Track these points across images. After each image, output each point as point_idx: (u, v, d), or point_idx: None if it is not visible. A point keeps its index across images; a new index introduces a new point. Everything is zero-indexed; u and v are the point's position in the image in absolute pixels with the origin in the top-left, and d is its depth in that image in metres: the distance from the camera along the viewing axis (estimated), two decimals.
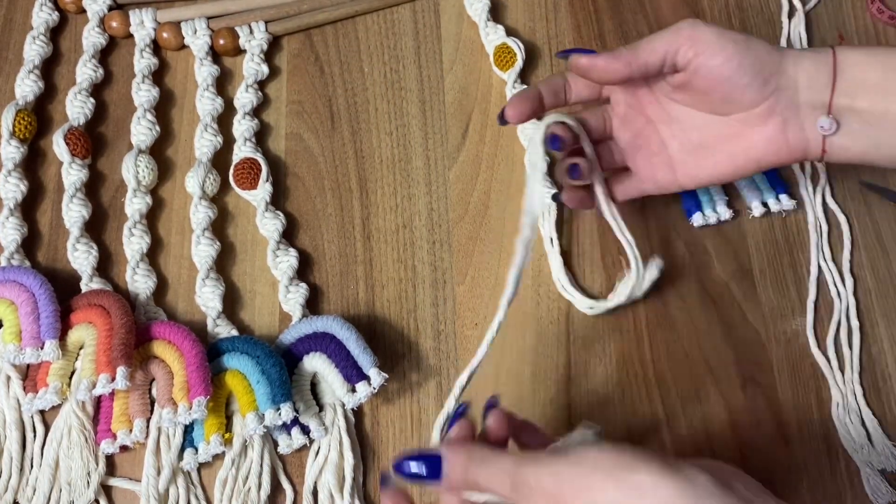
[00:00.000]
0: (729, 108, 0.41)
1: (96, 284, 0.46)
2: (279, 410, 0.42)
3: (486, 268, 0.49)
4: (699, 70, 0.40)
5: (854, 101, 0.39)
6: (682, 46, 0.39)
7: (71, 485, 0.42)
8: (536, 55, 0.55)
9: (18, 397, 0.44)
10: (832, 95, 0.39)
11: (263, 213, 0.49)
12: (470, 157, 0.52)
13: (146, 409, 0.43)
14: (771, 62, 0.39)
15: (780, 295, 0.49)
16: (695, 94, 0.41)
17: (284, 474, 0.44)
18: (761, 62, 0.39)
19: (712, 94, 0.41)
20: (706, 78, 0.40)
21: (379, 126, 0.53)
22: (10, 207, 0.47)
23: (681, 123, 0.43)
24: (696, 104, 0.42)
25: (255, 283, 0.48)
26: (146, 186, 0.49)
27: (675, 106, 0.43)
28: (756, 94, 0.40)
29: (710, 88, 0.40)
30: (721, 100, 0.41)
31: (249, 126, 0.51)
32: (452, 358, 0.47)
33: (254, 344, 0.44)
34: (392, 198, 0.51)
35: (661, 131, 0.44)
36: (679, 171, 0.44)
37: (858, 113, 0.39)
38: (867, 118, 0.39)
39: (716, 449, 0.45)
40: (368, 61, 0.55)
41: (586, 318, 0.48)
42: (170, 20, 0.54)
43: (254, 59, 0.53)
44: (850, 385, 0.46)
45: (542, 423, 0.45)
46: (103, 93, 0.53)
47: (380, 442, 0.45)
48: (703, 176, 0.43)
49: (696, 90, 0.41)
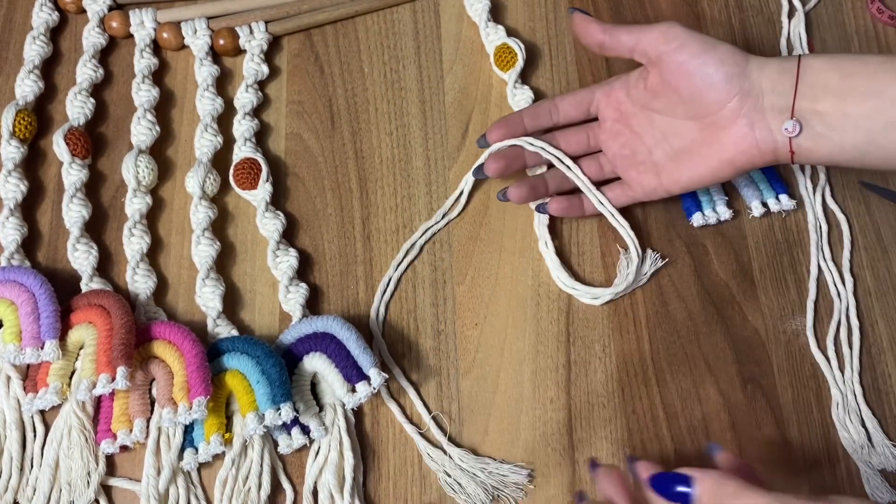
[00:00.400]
0: (697, 109, 0.44)
1: (96, 284, 0.46)
2: (279, 410, 0.42)
3: (486, 268, 0.49)
4: (667, 64, 0.43)
5: (816, 105, 0.41)
6: (656, 39, 0.43)
7: (71, 485, 0.42)
8: (537, 55, 0.55)
9: (18, 397, 0.44)
10: (794, 99, 0.41)
11: (263, 213, 0.49)
12: (470, 157, 0.52)
13: (146, 409, 0.43)
14: (734, 63, 0.42)
15: (780, 295, 0.49)
16: (667, 96, 0.44)
17: (284, 474, 0.44)
18: (724, 61, 0.42)
19: (681, 91, 0.43)
20: (673, 73, 0.43)
21: (379, 126, 0.53)
22: (11, 207, 0.47)
23: (662, 131, 0.46)
24: (671, 110, 0.45)
25: (255, 283, 0.48)
26: (146, 186, 0.49)
27: (656, 116, 0.46)
28: (720, 92, 0.42)
29: (676, 84, 0.43)
30: (689, 98, 0.43)
31: (249, 126, 0.51)
32: (452, 358, 0.47)
33: (254, 344, 0.44)
34: (392, 198, 0.51)
35: (646, 140, 0.47)
36: (663, 176, 0.46)
37: (821, 115, 0.41)
38: (829, 121, 0.41)
39: None
40: (368, 61, 0.55)
41: (586, 319, 0.48)
42: (170, 20, 0.54)
43: (254, 59, 0.53)
44: (850, 385, 0.46)
45: (542, 424, 0.45)
46: (103, 93, 0.53)
47: (380, 442, 0.45)
48: (684, 180, 0.45)
49: (667, 89, 0.44)
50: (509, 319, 0.48)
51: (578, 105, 0.49)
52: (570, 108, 0.49)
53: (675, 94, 0.44)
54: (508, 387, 0.46)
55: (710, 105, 0.43)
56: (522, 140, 0.48)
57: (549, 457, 0.45)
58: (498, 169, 0.47)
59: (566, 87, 0.54)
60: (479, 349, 0.47)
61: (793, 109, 0.41)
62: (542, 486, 0.44)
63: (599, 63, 0.54)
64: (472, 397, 0.46)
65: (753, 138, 0.43)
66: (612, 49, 0.45)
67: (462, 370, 0.47)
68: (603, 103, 0.48)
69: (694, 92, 0.43)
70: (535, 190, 0.48)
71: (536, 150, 0.48)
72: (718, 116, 0.43)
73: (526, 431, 0.45)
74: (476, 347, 0.47)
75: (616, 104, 0.48)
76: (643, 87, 0.46)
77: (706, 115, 0.44)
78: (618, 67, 0.54)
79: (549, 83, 0.54)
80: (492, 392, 0.46)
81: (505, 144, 0.48)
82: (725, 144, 0.43)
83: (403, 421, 0.45)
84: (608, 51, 0.46)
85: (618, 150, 0.48)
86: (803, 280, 0.49)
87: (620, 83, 0.47)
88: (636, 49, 0.44)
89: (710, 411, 0.46)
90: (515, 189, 0.47)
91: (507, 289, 0.48)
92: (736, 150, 0.43)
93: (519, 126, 0.48)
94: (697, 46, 0.42)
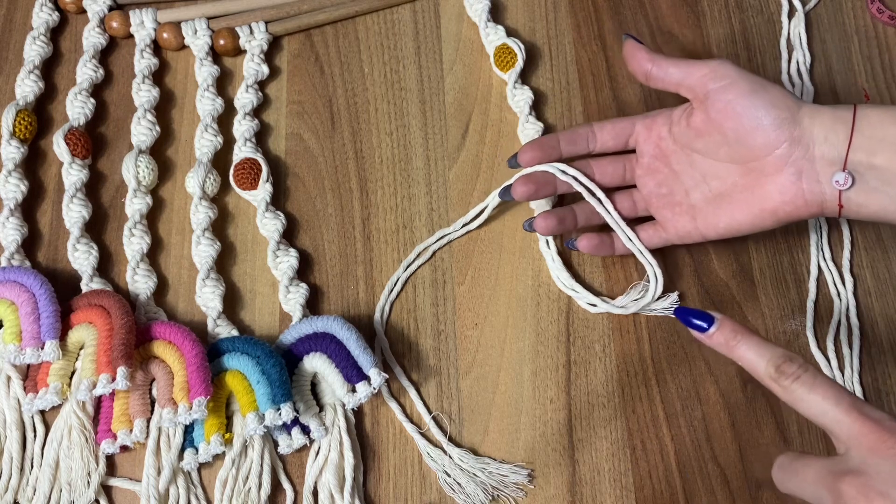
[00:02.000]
0: (742, 152, 0.42)
1: (97, 284, 0.46)
2: (279, 410, 0.42)
3: (486, 268, 0.49)
4: (715, 102, 0.41)
5: (872, 158, 0.39)
6: (704, 76, 0.41)
7: (71, 485, 0.42)
8: (536, 55, 0.55)
9: (19, 397, 0.44)
10: (848, 150, 0.39)
11: (264, 213, 0.49)
12: (470, 157, 0.52)
13: (146, 409, 0.43)
14: (786, 107, 0.40)
15: (780, 295, 0.49)
16: (711, 136, 0.42)
17: (285, 474, 0.44)
18: (775, 104, 0.40)
19: (726, 131, 0.41)
20: (720, 112, 0.41)
21: (379, 126, 0.53)
22: (11, 207, 0.47)
23: (702, 173, 0.44)
24: (714, 151, 0.43)
25: (255, 283, 0.48)
26: (146, 187, 0.49)
27: (697, 157, 0.44)
28: (768, 137, 0.40)
29: (722, 123, 0.41)
30: (735, 139, 0.41)
31: (250, 126, 0.51)
32: (452, 358, 0.47)
33: (254, 344, 0.44)
34: (392, 198, 0.51)
35: (684, 181, 0.45)
36: (700, 220, 0.44)
37: (876, 170, 0.39)
38: (886, 175, 0.39)
39: (715, 449, 0.45)
40: (368, 61, 0.55)
41: (586, 318, 0.48)
42: (170, 20, 0.54)
43: (254, 59, 0.53)
44: (850, 385, 0.46)
45: (542, 424, 0.45)
46: (103, 93, 0.53)
47: (380, 442, 0.45)
48: (721, 225, 0.44)
49: (712, 129, 0.42)
50: (509, 319, 0.48)
51: (617, 136, 0.46)
52: (608, 137, 0.46)
53: (719, 135, 0.42)
54: (508, 387, 0.46)
55: (757, 149, 0.41)
56: (555, 167, 0.46)
57: (549, 457, 0.45)
58: (526, 193, 0.45)
59: (566, 87, 0.54)
60: (479, 349, 0.47)
61: (845, 161, 0.39)
62: (542, 486, 0.44)
63: (600, 64, 0.54)
64: (472, 397, 0.46)
65: (800, 189, 0.41)
66: (659, 81, 0.44)
67: (462, 370, 0.47)
68: (643, 137, 0.46)
69: (741, 134, 0.41)
70: (563, 222, 0.46)
71: (569, 179, 0.46)
72: (764, 162, 0.41)
73: (526, 431, 0.45)
74: (476, 347, 0.47)
75: (656, 140, 0.46)
76: (686, 125, 0.44)
77: (751, 160, 0.42)
78: (618, 66, 0.54)
79: (549, 83, 0.54)
80: (492, 392, 0.46)
81: (537, 169, 0.46)
82: (769, 193, 0.41)
83: (404, 420, 0.45)
84: (654, 82, 0.44)
85: (653, 188, 0.46)
86: (803, 280, 0.49)
87: (663, 118, 0.46)
88: (683, 84, 0.43)
89: (710, 411, 0.46)
90: (543, 220, 0.45)
91: (507, 289, 0.48)
92: (780, 200, 0.41)
93: (554, 149, 0.46)
94: (748, 86, 0.41)
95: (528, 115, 0.52)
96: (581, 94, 0.54)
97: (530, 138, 0.51)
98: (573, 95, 0.54)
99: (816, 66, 0.55)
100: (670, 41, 0.55)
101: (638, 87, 0.54)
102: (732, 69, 0.41)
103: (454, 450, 0.44)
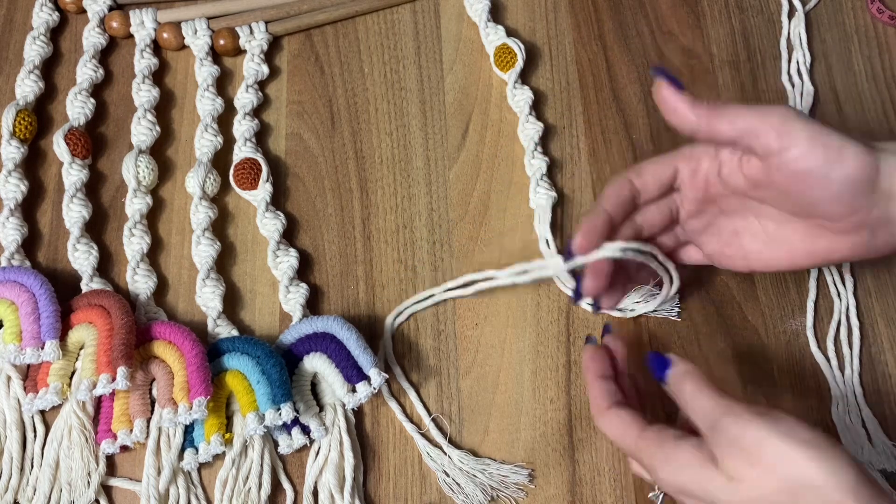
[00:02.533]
0: (810, 216, 0.38)
1: (97, 284, 0.46)
2: (279, 410, 0.42)
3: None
4: (780, 168, 0.36)
5: None
6: (767, 134, 0.35)
7: (71, 485, 0.42)
8: (536, 55, 0.55)
9: (19, 397, 0.44)
10: None
11: (264, 213, 0.49)
12: (470, 157, 0.52)
13: (146, 409, 0.43)
14: (865, 174, 0.35)
15: (780, 295, 0.49)
16: (772, 190, 0.37)
17: (285, 474, 0.44)
18: (852, 174, 0.35)
19: (791, 196, 0.37)
20: (785, 178, 0.36)
21: (379, 126, 0.53)
22: (11, 207, 0.47)
23: (757, 214, 0.40)
24: (774, 201, 0.38)
25: (255, 283, 0.48)
26: (146, 187, 0.49)
27: (752, 203, 0.40)
28: (842, 208, 0.36)
29: (787, 188, 0.36)
30: (801, 207, 0.37)
31: (250, 126, 0.51)
32: (452, 358, 0.47)
33: (254, 344, 0.44)
34: (392, 198, 0.51)
35: (735, 222, 0.41)
36: (752, 259, 0.41)
37: None
38: None
39: None
40: (368, 61, 0.55)
41: (586, 318, 0.48)
42: (170, 20, 0.54)
43: (254, 59, 0.53)
44: (850, 385, 0.46)
45: (542, 424, 0.45)
46: (103, 93, 0.53)
47: (380, 442, 0.45)
48: (774, 265, 0.40)
49: (773, 186, 0.37)
50: (509, 319, 0.48)
51: (661, 186, 0.40)
52: (652, 188, 0.40)
53: (781, 196, 0.37)
54: (508, 387, 0.46)
55: (827, 215, 0.36)
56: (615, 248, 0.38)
57: (549, 457, 0.45)
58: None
59: (566, 87, 0.54)
60: (479, 349, 0.47)
61: None
62: (542, 486, 0.44)
63: (600, 64, 0.54)
64: (472, 397, 0.46)
65: (873, 245, 0.37)
66: (708, 138, 0.37)
67: (462, 370, 0.47)
68: (688, 183, 0.41)
69: (810, 202, 0.36)
70: (600, 231, 0.39)
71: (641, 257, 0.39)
72: (833, 225, 0.37)
73: (526, 431, 0.45)
74: (476, 347, 0.47)
75: (703, 184, 0.40)
76: (740, 173, 0.38)
77: (820, 220, 0.37)
78: (618, 66, 0.54)
79: (549, 83, 0.54)
80: (492, 392, 0.46)
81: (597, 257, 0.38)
82: (838, 247, 0.37)
83: (404, 420, 0.45)
84: (702, 138, 0.37)
85: (700, 229, 0.42)
86: (803, 280, 0.49)
87: (708, 159, 0.40)
88: (740, 143, 0.36)
89: None
90: (582, 237, 0.38)
91: (507, 289, 0.48)
92: (851, 253, 0.38)
93: (607, 224, 0.39)
94: (821, 153, 0.34)
95: (528, 115, 0.52)
96: (581, 94, 0.54)
97: (530, 138, 0.51)
98: (573, 95, 0.54)
99: (816, 66, 0.55)
100: (670, 41, 0.55)
101: (638, 87, 0.54)
102: (801, 127, 0.35)
103: (454, 451, 0.44)
